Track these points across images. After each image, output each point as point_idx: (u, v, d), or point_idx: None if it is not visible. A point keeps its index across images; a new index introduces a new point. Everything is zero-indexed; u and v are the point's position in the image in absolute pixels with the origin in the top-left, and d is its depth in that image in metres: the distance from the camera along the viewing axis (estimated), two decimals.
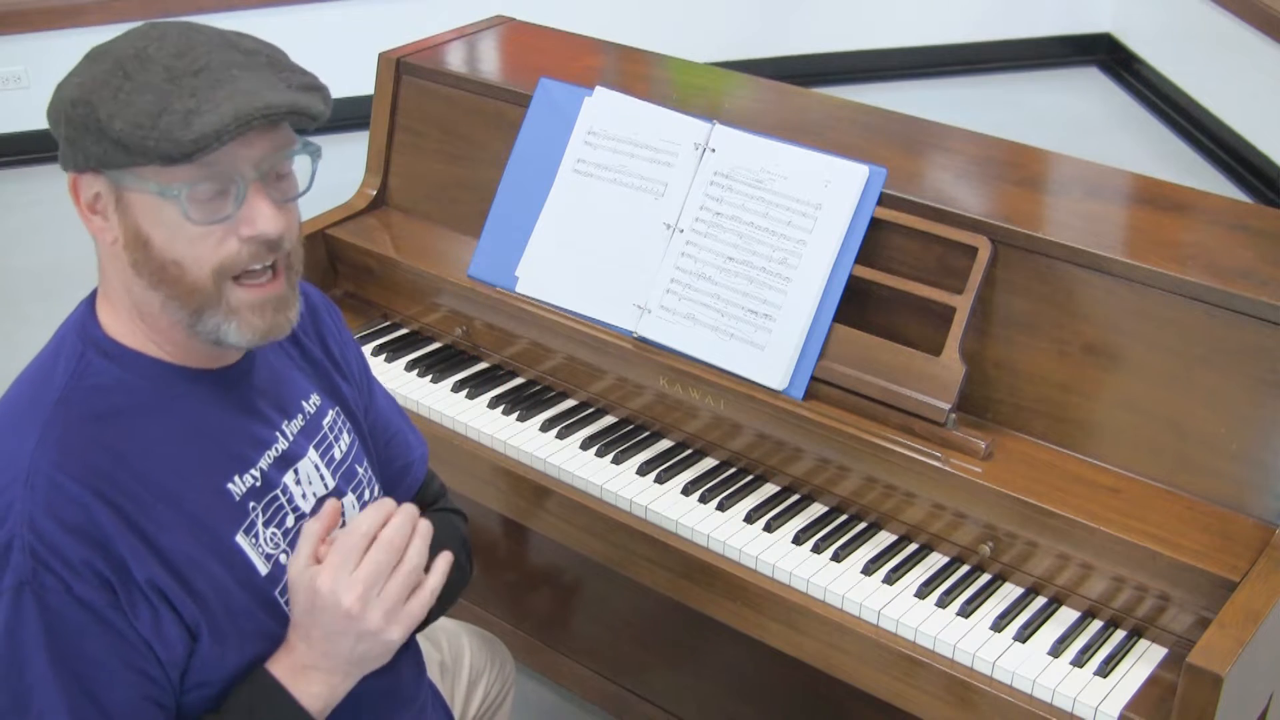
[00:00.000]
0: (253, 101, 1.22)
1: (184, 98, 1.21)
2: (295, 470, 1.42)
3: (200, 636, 1.29)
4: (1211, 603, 1.58)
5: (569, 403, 2.14)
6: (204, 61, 1.24)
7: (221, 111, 1.20)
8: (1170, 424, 1.72)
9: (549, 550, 2.52)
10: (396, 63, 2.46)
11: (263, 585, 1.35)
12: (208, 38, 1.27)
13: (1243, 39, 4.69)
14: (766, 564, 1.81)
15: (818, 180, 1.91)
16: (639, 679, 2.47)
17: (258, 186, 1.27)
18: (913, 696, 1.71)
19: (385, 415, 1.66)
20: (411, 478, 1.68)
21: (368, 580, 1.31)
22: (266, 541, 1.36)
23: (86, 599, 1.23)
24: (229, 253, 1.26)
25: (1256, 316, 1.67)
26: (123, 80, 1.22)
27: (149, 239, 1.26)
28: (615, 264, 2.05)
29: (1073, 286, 1.79)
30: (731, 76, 2.52)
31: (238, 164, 1.25)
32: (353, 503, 1.49)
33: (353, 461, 1.51)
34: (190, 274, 1.26)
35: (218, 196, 1.25)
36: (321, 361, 1.54)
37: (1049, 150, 2.17)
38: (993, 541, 1.76)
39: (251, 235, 1.26)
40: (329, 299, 1.62)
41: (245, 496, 1.36)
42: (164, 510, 1.28)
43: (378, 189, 2.48)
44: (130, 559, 1.25)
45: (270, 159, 1.27)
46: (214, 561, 1.31)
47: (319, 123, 1.30)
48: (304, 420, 1.46)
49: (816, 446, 1.88)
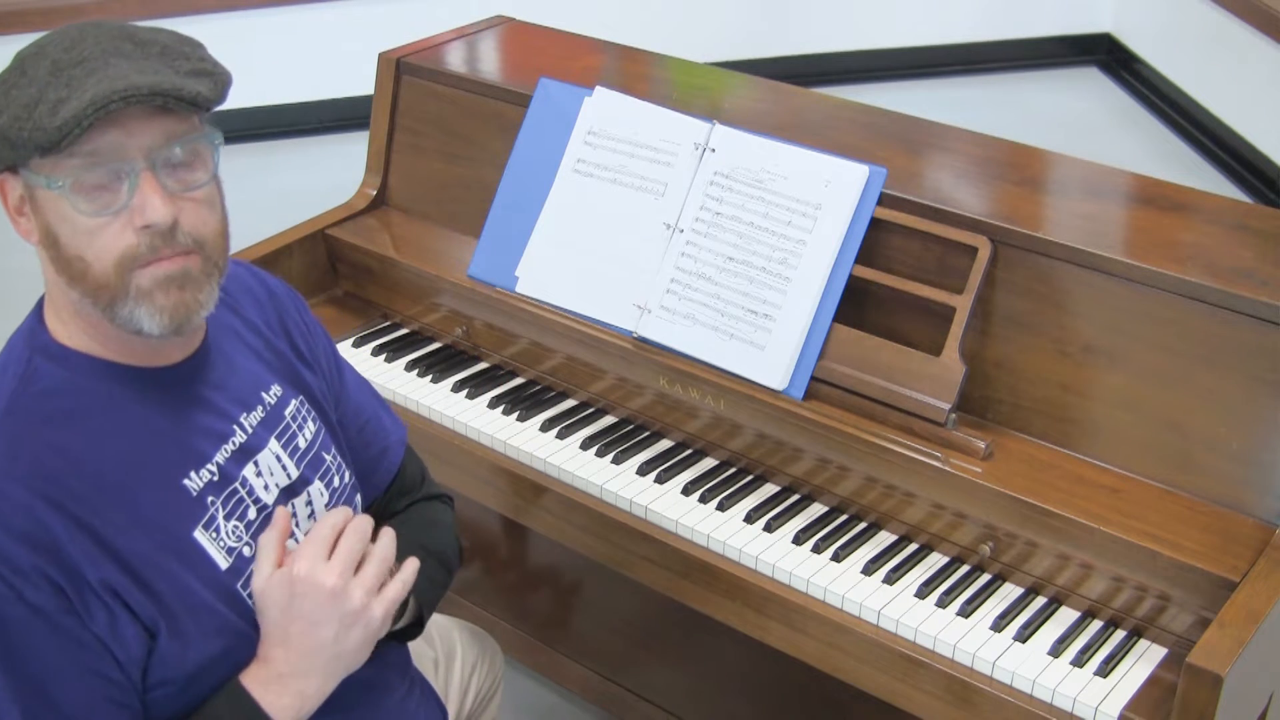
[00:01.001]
0: (113, 85, 1.21)
1: (59, 88, 1.21)
2: (255, 462, 1.42)
3: (159, 634, 1.29)
4: (1211, 603, 1.58)
5: (569, 403, 2.14)
6: (88, 53, 1.23)
7: (84, 97, 1.20)
8: (1170, 424, 1.72)
9: (549, 550, 2.52)
10: (396, 63, 2.46)
11: (224, 579, 1.35)
12: (106, 31, 1.27)
13: (1243, 39, 4.68)
14: (766, 564, 1.81)
15: (818, 180, 1.91)
16: (638, 679, 2.47)
17: (149, 175, 1.25)
18: (913, 696, 1.71)
19: (358, 401, 1.66)
20: (389, 461, 1.67)
21: (345, 560, 1.35)
22: (228, 535, 1.36)
23: (38, 604, 1.22)
24: (127, 244, 1.25)
25: (1256, 316, 1.67)
26: (18, 77, 1.24)
27: (57, 236, 1.26)
28: (615, 264, 2.05)
29: (1073, 286, 1.79)
30: (731, 76, 2.52)
31: (125, 152, 1.24)
32: (320, 490, 1.49)
33: (319, 449, 1.51)
34: (94, 269, 1.26)
35: (108, 187, 1.24)
36: (284, 352, 1.53)
37: (1049, 150, 2.17)
38: (993, 541, 1.76)
39: (142, 224, 1.25)
40: (295, 291, 1.62)
41: (203, 491, 1.35)
42: (117, 511, 1.28)
43: (378, 189, 2.48)
44: (82, 562, 1.24)
45: (163, 148, 1.26)
46: (171, 559, 1.31)
47: (203, 106, 1.28)
48: (264, 411, 1.45)
49: (816, 446, 1.88)
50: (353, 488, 1.57)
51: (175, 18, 4.87)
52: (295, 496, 1.46)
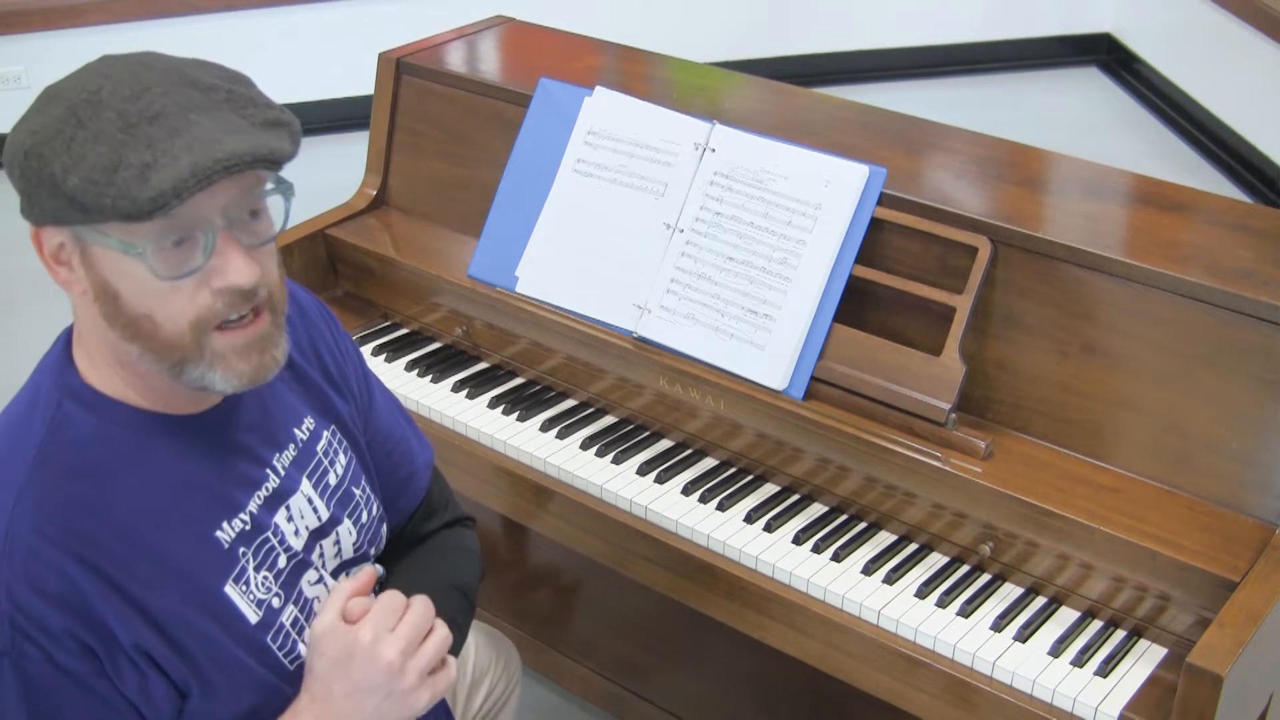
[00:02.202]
0: (213, 152, 1.15)
1: (140, 150, 1.14)
2: (287, 507, 1.39)
3: (190, 694, 1.27)
4: (1211, 603, 1.58)
5: (569, 403, 2.14)
6: (159, 106, 1.16)
7: (180, 165, 1.14)
8: (1170, 424, 1.72)
9: (549, 550, 2.52)
10: (396, 63, 2.46)
11: (253, 633, 1.32)
12: (163, 74, 1.20)
13: (1243, 39, 4.68)
14: (766, 564, 1.81)
15: (818, 180, 1.91)
16: (639, 679, 2.47)
17: (227, 235, 1.21)
18: (913, 696, 1.71)
19: (388, 424, 1.62)
20: (415, 486, 1.64)
21: (408, 638, 1.32)
22: (258, 587, 1.34)
23: (69, 667, 1.21)
24: (204, 305, 1.21)
25: (1256, 316, 1.67)
26: (75, 129, 1.15)
27: (118, 293, 1.20)
28: (615, 264, 2.05)
29: (1073, 286, 1.79)
30: (731, 76, 2.52)
31: (204, 213, 1.18)
32: (349, 529, 1.47)
33: (349, 484, 1.48)
34: (164, 329, 1.21)
35: (185, 248, 1.19)
36: (316, 381, 1.49)
37: (1049, 150, 2.16)
38: (993, 541, 1.76)
39: (224, 287, 1.21)
40: (324, 305, 1.58)
41: (235, 543, 1.32)
42: (148, 568, 1.25)
43: (378, 189, 2.48)
44: (114, 624, 1.22)
45: (239, 204, 1.21)
46: (202, 616, 1.28)
47: (288, 162, 1.23)
48: (296, 450, 1.42)
49: (816, 446, 1.88)
50: (379, 520, 1.54)
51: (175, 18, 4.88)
52: (324, 538, 1.44)
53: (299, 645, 1.37)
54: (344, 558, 1.48)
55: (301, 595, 1.39)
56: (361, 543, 1.50)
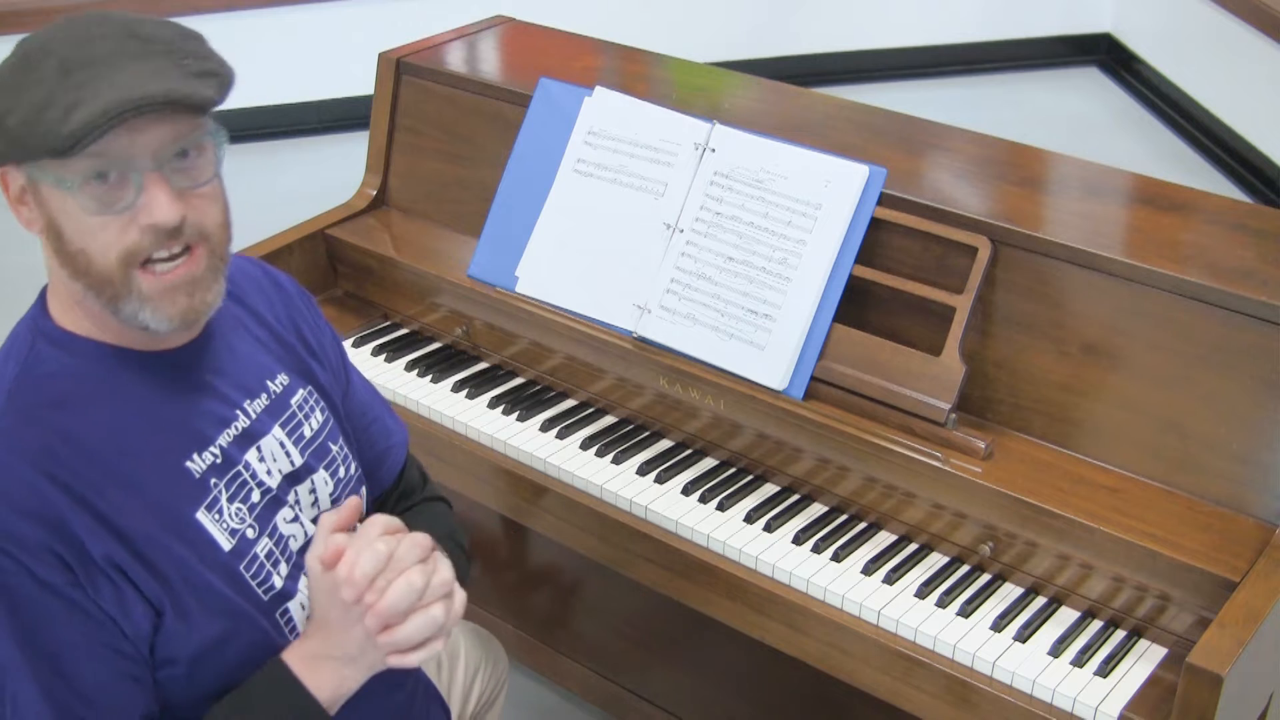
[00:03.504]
0: (128, 93, 1.22)
1: (70, 91, 1.22)
2: (258, 447, 1.43)
3: (164, 613, 1.30)
4: (1211, 603, 1.58)
5: (569, 403, 2.14)
6: (96, 53, 1.24)
7: (97, 104, 1.21)
8: (1170, 424, 1.72)
9: (549, 550, 2.52)
10: (396, 63, 2.46)
11: (226, 560, 1.36)
12: (113, 28, 1.27)
13: (1243, 39, 4.68)
14: (766, 564, 1.81)
15: (818, 180, 1.91)
16: (638, 679, 2.47)
17: (156, 176, 1.27)
18: (913, 696, 1.71)
19: (364, 401, 1.67)
20: (391, 461, 1.69)
21: (367, 577, 1.32)
22: (231, 517, 1.38)
23: (47, 580, 1.24)
24: (130, 241, 1.27)
25: (1256, 316, 1.67)
26: (23, 75, 1.24)
27: (61, 229, 1.28)
28: (615, 264, 2.05)
29: (1073, 286, 1.79)
30: (731, 76, 2.52)
31: (133, 152, 1.25)
32: (325, 479, 1.50)
33: (325, 440, 1.52)
34: (97, 263, 1.27)
35: (116, 186, 1.25)
36: (293, 345, 1.54)
37: (1049, 150, 2.17)
38: (993, 541, 1.76)
39: (149, 224, 1.27)
40: (306, 292, 1.63)
41: (206, 473, 1.37)
42: (121, 491, 1.30)
43: (378, 189, 2.48)
44: (86, 538, 1.26)
45: (169, 147, 1.27)
46: (174, 539, 1.32)
47: (211, 107, 1.30)
48: (269, 399, 1.46)
49: (816, 446, 1.88)
50: (359, 479, 1.57)
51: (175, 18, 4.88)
52: (299, 483, 1.47)
53: (273, 576, 1.40)
54: (321, 508, 1.50)
55: (276, 530, 1.42)
56: (339, 495, 1.52)
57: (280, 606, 1.41)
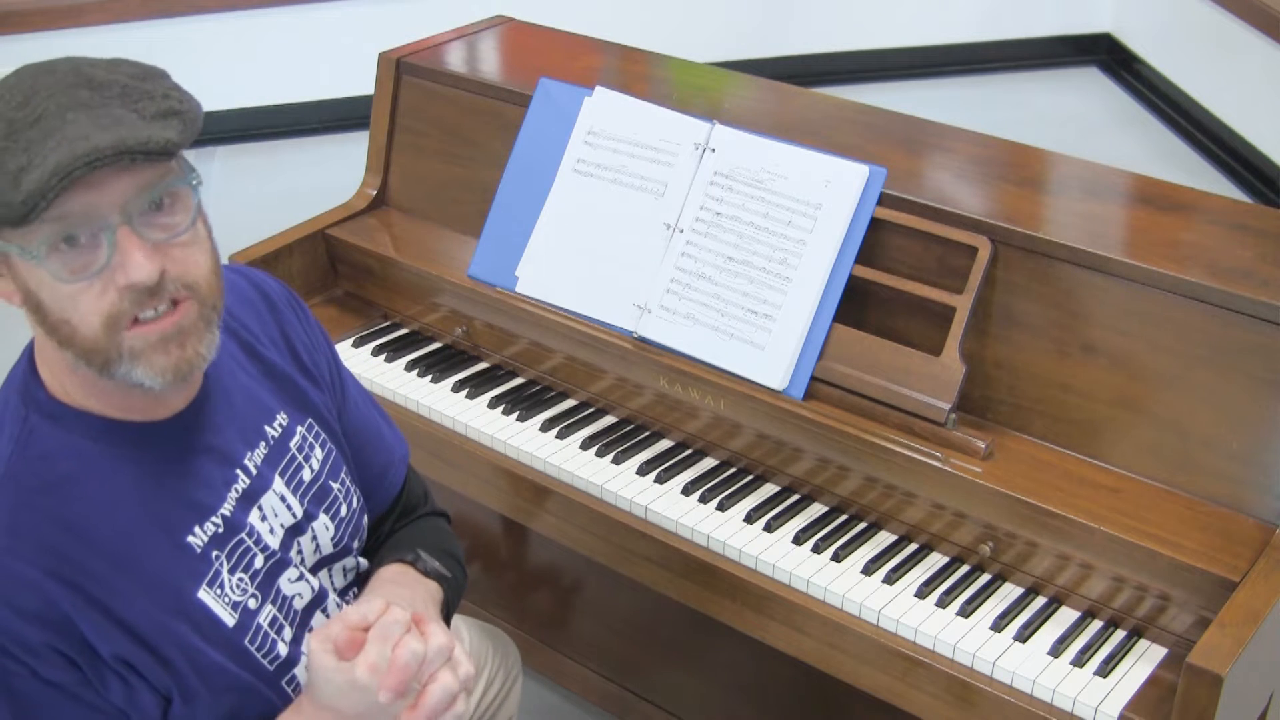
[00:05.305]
0: (75, 149, 1.12)
1: (17, 154, 1.13)
2: (259, 506, 1.39)
3: (172, 699, 1.29)
4: (1211, 603, 1.58)
5: (569, 403, 2.14)
6: (42, 109, 1.14)
7: (45, 165, 1.12)
8: (1170, 424, 1.72)
9: (549, 550, 2.52)
10: (396, 63, 2.46)
11: (230, 636, 1.33)
12: (59, 78, 1.17)
13: (1243, 39, 4.68)
14: (766, 564, 1.81)
15: (818, 180, 1.91)
16: (639, 679, 2.47)
17: (127, 231, 1.17)
18: (913, 696, 1.71)
19: (362, 415, 1.61)
20: (390, 479, 1.64)
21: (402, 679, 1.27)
22: (233, 589, 1.34)
23: (54, 680, 1.22)
24: (109, 304, 1.18)
25: (1256, 316, 1.67)
26: None
27: (40, 301, 1.20)
28: (615, 264, 2.05)
29: (1073, 286, 1.79)
30: (731, 76, 2.52)
31: (98, 210, 1.16)
32: (325, 524, 1.47)
33: (325, 479, 1.48)
34: (80, 332, 1.19)
35: (87, 249, 1.17)
36: (287, 373, 1.48)
37: (1049, 150, 2.17)
38: (993, 541, 1.76)
39: (125, 284, 1.18)
40: (294, 293, 1.56)
41: (207, 546, 1.33)
42: (122, 579, 1.25)
43: (378, 189, 2.48)
44: (94, 639, 1.23)
45: (137, 199, 1.18)
46: (179, 623, 1.29)
47: (175, 150, 1.19)
48: (268, 447, 1.42)
49: (816, 446, 1.88)
50: (360, 512, 1.54)
51: (175, 18, 4.88)
52: (301, 534, 1.44)
53: (278, 645, 1.38)
54: (323, 553, 1.48)
55: (280, 593, 1.40)
56: (341, 537, 1.50)
57: (287, 674, 1.39)
